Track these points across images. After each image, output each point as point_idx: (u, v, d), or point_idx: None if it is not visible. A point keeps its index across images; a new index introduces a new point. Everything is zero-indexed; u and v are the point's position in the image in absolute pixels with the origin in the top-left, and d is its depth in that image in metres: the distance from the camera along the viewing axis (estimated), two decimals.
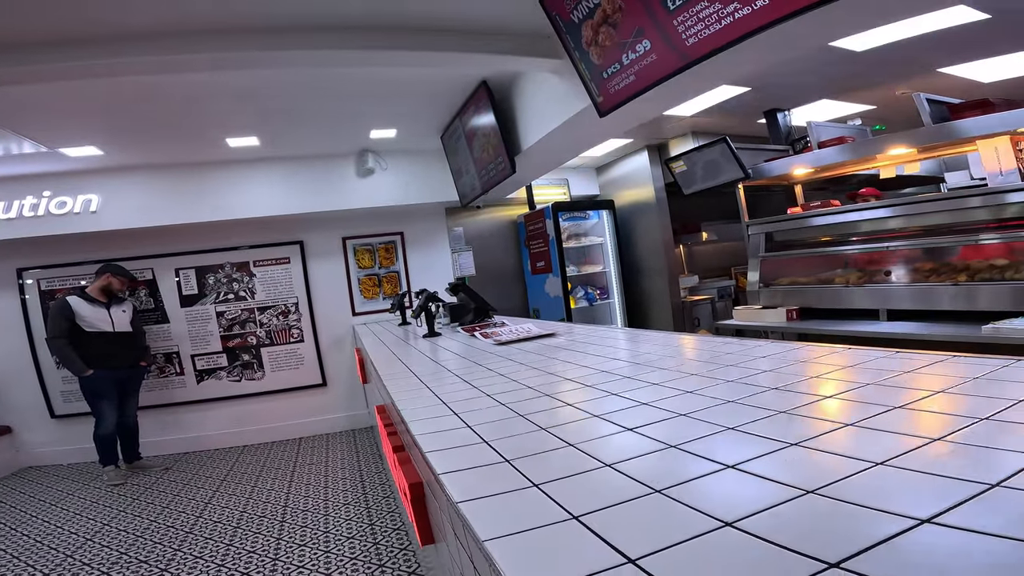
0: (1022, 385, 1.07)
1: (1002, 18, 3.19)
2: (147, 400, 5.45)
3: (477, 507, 0.84)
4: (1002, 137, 2.85)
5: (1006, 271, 2.77)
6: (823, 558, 0.59)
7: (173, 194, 5.21)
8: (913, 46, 3.55)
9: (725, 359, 1.71)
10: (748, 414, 1.13)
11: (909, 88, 4.15)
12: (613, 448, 1.04)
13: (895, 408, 1.04)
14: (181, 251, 5.66)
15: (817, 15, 1.87)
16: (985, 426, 0.90)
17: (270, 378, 5.87)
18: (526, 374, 1.88)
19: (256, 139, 4.82)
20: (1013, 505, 0.65)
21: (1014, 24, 3.33)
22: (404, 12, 2.96)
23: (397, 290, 6.19)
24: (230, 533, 3.43)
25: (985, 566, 0.54)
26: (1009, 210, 2.76)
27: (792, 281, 3.87)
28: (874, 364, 1.41)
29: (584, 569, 0.63)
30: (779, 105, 4.93)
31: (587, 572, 0.63)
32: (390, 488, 3.91)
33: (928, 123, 3.13)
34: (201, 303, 5.72)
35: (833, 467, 0.82)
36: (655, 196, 6.11)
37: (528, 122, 4.00)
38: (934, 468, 0.77)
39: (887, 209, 3.28)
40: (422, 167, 5.87)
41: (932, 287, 3.01)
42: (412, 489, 1.28)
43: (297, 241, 5.95)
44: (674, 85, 2.58)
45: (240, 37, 2.85)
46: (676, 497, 0.79)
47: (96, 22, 2.59)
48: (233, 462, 5.12)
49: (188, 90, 3.57)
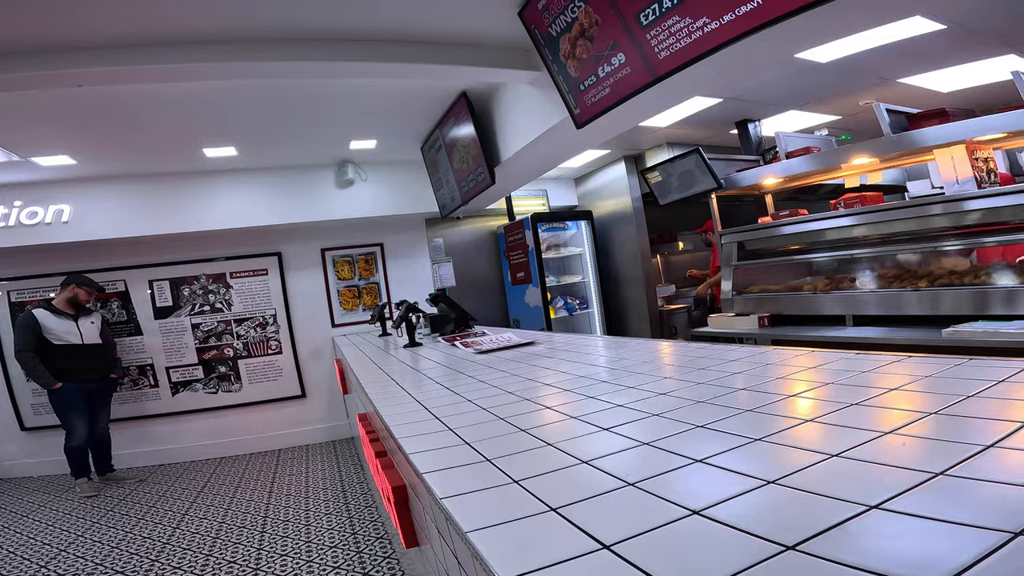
0: (971, 382, 1.14)
1: (957, 28, 3.34)
2: (120, 412, 5.37)
3: (460, 502, 0.88)
4: (958, 146, 2.94)
5: (965, 276, 2.88)
6: (781, 541, 0.64)
7: (148, 205, 5.15)
8: (874, 57, 3.70)
9: (698, 363, 1.77)
10: (717, 413, 1.18)
11: (871, 98, 4.32)
12: (590, 447, 1.08)
13: (852, 405, 1.11)
14: (155, 262, 5.58)
15: (780, 29, 1.97)
16: (934, 420, 0.97)
17: (248, 390, 5.81)
18: (506, 381, 1.92)
19: (234, 149, 4.81)
20: (954, 492, 0.70)
21: (968, 34, 3.48)
22: (383, 23, 3.00)
23: (377, 301, 6.18)
24: (209, 543, 3.40)
25: (925, 548, 0.59)
26: (967, 218, 2.87)
27: (763, 289, 3.98)
28: (835, 365, 1.48)
29: (563, 554, 0.68)
30: (750, 116, 5.08)
31: (565, 557, 0.67)
32: (372, 497, 3.90)
33: (888, 133, 3.22)
34: (176, 315, 5.65)
35: (793, 459, 0.88)
36: (632, 206, 6.22)
37: (507, 133, 4.07)
38: (884, 459, 0.83)
39: (851, 217, 3.39)
40: (402, 178, 5.89)
41: (896, 293, 3.13)
42: (396, 493, 1.31)
43: (275, 252, 5.91)
44: (648, 97, 2.66)
45: (216, 47, 2.85)
46: (648, 489, 0.84)
47: (66, 30, 2.58)
48: (210, 474, 5.05)
49: (164, 100, 3.55)
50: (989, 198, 2.74)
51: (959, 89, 4.53)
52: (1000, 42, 3.71)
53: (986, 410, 0.97)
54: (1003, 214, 2.70)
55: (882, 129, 3.25)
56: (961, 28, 3.36)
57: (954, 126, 2.95)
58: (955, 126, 2.94)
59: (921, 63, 4.03)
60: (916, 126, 3.19)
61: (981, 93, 4.45)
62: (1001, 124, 2.76)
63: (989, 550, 0.56)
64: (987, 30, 3.48)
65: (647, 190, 5.22)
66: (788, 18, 1.89)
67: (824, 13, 1.85)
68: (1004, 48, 3.81)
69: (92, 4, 2.42)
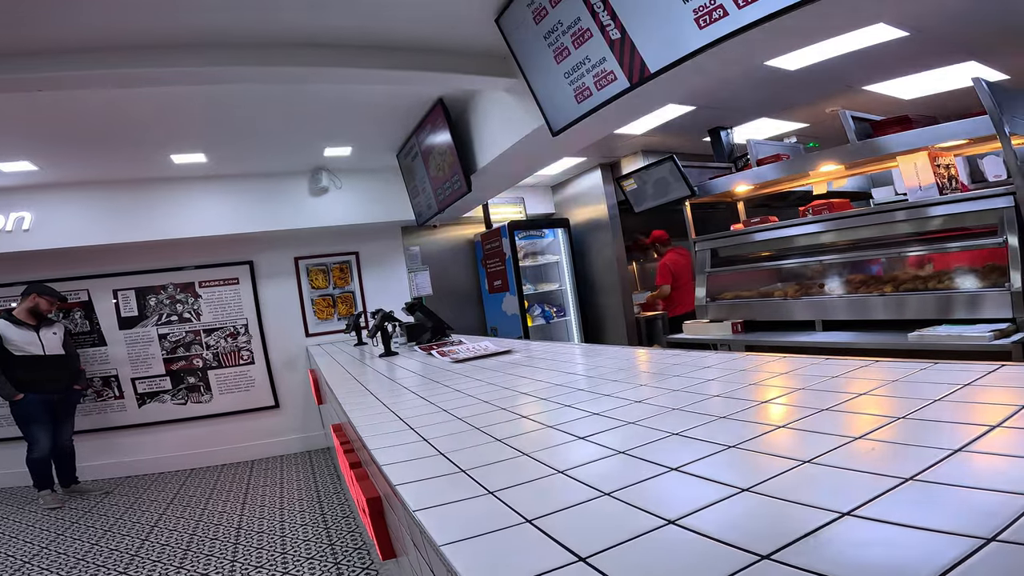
0: (936, 386, 1.17)
1: (919, 36, 3.44)
2: (84, 424, 5.22)
3: (434, 515, 0.86)
4: (920, 152, 3.01)
5: (929, 281, 2.96)
6: (757, 551, 0.64)
7: (113, 212, 5.01)
8: (840, 65, 3.80)
9: (673, 370, 1.78)
10: (692, 420, 1.19)
11: (837, 106, 4.43)
12: (565, 456, 1.08)
13: (823, 410, 1.12)
14: (120, 271, 5.43)
15: (749, 38, 2.01)
16: (902, 424, 0.98)
17: (218, 401, 5.67)
18: (483, 390, 1.90)
19: (203, 156, 4.71)
20: (925, 497, 0.71)
21: (930, 41, 3.59)
22: (358, 29, 2.98)
23: (352, 310, 6.11)
24: (180, 555, 3.31)
25: (899, 555, 0.59)
26: (929, 223, 2.95)
27: (736, 295, 4.03)
28: (806, 371, 1.50)
29: (538, 568, 0.66)
30: (722, 123, 5.16)
31: (541, 570, 0.66)
32: (349, 508, 3.83)
33: (853, 140, 3.29)
34: (142, 325, 5.50)
35: (766, 466, 0.89)
36: (608, 214, 6.27)
37: (484, 141, 4.07)
38: (855, 464, 0.84)
39: (819, 224, 3.46)
40: (378, 186, 5.85)
41: (862, 298, 3.20)
42: (371, 504, 1.28)
43: (247, 261, 5.80)
44: (623, 104, 2.68)
45: (182, 52, 2.79)
46: (624, 499, 0.84)
47: (23, 35, 2.50)
48: (180, 486, 4.92)
49: (129, 105, 3.47)
50: (950, 204, 2.82)
51: (921, 96, 4.67)
52: (961, 49, 3.84)
53: (952, 414, 1.00)
54: (964, 220, 2.78)
55: (848, 136, 3.33)
56: (924, 35, 3.46)
57: (916, 133, 3.01)
58: (917, 133, 3.01)
59: (885, 70, 4.15)
60: (880, 133, 3.25)
61: (943, 100, 4.57)
62: (961, 130, 2.83)
63: (963, 556, 0.56)
64: (949, 37, 3.59)
65: (623, 197, 5.27)
66: (754, 28, 1.93)
67: (794, 18, 1.88)
68: (965, 55, 3.94)
69: (51, 8, 2.35)
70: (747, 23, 1.95)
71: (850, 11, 2.33)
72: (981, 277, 2.75)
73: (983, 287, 2.69)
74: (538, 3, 2.71)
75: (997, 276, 2.64)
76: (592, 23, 2.50)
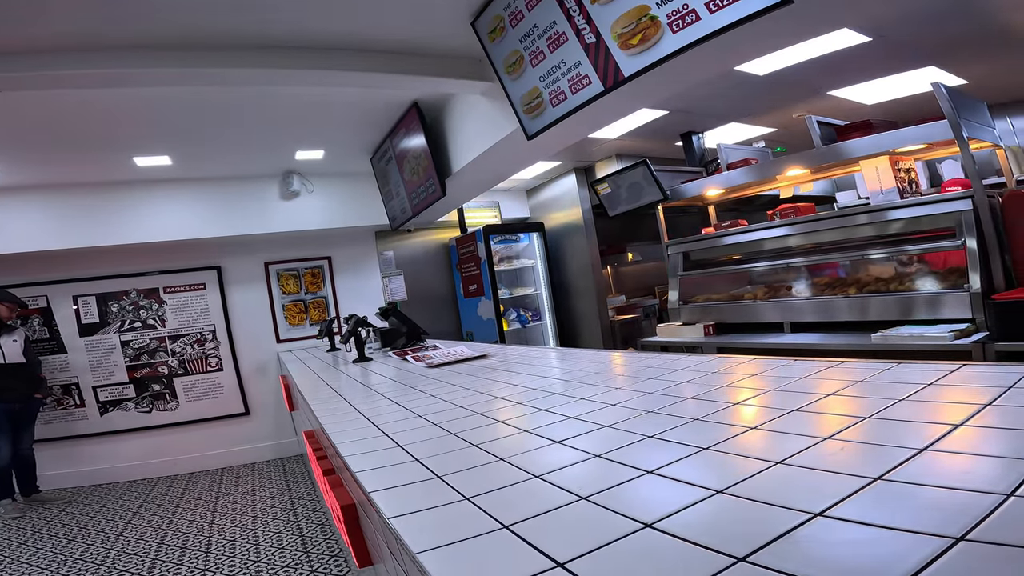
0: (901, 386, 1.20)
1: (881, 41, 3.54)
2: (45, 433, 5.04)
3: (409, 522, 0.85)
4: (882, 157, 3.10)
5: (891, 283, 3.05)
6: (732, 553, 0.64)
7: (72, 216, 4.85)
8: (806, 70, 3.88)
9: (647, 373, 1.80)
10: (667, 423, 1.20)
11: (804, 110, 4.54)
12: (542, 460, 1.07)
13: (793, 411, 1.14)
14: (80, 277, 5.26)
15: (716, 43, 2.05)
16: (869, 424, 1.01)
17: (185, 408, 5.53)
18: (458, 395, 1.89)
19: (168, 158, 4.58)
20: (894, 497, 0.72)
21: (891, 46, 3.70)
22: (333, 32, 2.94)
23: (325, 316, 6.01)
24: (148, 565, 3.21)
25: (871, 554, 0.60)
26: (891, 227, 3.04)
27: (707, 298, 4.09)
28: (776, 372, 1.53)
29: (516, 574, 0.66)
30: (694, 128, 5.25)
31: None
32: (325, 515, 3.76)
33: (818, 144, 3.37)
34: (103, 332, 5.33)
35: (740, 468, 0.90)
36: (583, 218, 6.31)
37: (459, 144, 4.05)
38: (825, 464, 0.86)
39: (785, 228, 3.53)
40: (351, 190, 5.78)
41: (828, 300, 3.28)
42: (345, 511, 1.26)
43: (214, 266, 5.67)
44: (596, 109, 2.70)
45: (154, 52, 2.72)
46: (601, 503, 0.84)
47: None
48: (146, 494, 4.79)
49: (91, 106, 3.36)
50: (910, 208, 2.91)
51: (883, 101, 4.80)
52: (922, 54, 3.95)
53: (918, 413, 1.02)
54: (923, 223, 2.87)
55: (813, 141, 3.41)
56: (885, 41, 3.56)
57: (878, 137, 3.10)
58: (878, 137, 3.09)
59: (849, 76, 4.26)
60: (844, 138, 3.33)
61: (904, 105, 4.70)
62: (921, 135, 2.91)
63: (933, 555, 0.57)
64: (910, 42, 3.70)
65: (597, 202, 5.32)
66: (725, 32, 1.97)
67: (759, 23, 1.92)
68: (925, 60, 4.06)
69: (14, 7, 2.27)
70: (718, 27, 1.99)
71: (816, 16, 2.38)
72: (941, 279, 2.84)
73: (943, 288, 2.77)
74: (514, 7, 2.72)
75: (956, 278, 2.73)
76: (568, 27, 2.52)
